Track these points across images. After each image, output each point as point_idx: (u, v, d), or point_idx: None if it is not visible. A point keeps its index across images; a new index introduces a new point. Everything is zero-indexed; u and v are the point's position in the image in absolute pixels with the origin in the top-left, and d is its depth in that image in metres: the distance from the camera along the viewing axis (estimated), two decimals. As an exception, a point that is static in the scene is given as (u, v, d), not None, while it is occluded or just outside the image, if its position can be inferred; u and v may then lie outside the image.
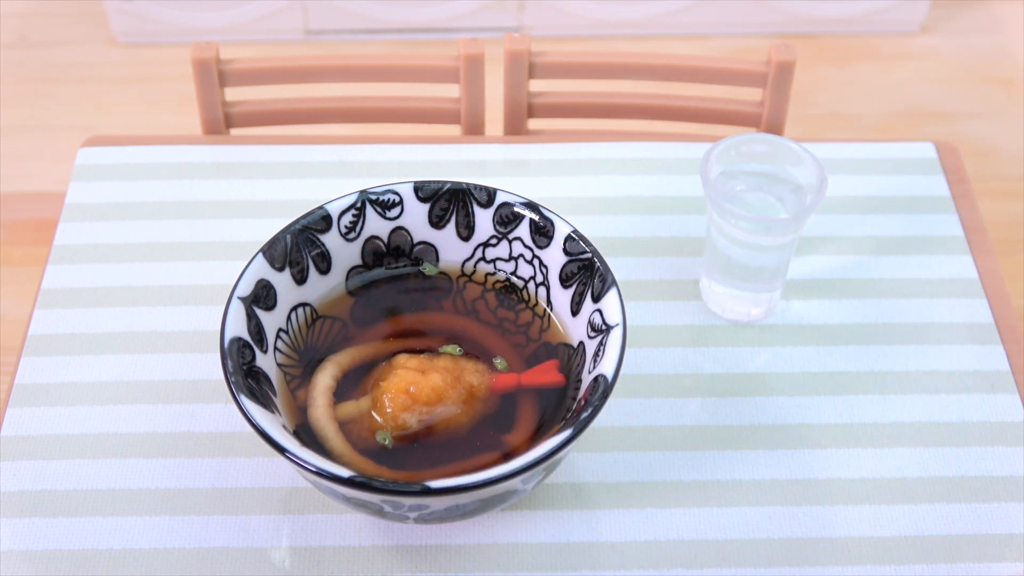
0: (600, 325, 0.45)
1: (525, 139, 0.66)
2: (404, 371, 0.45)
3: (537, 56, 0.66)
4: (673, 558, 0.47)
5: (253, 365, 0.44)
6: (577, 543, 0.47)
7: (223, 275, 0.57)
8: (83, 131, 1.02)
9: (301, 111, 0.68)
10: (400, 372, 0.45)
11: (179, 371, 0.53)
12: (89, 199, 0.62)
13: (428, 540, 0.47)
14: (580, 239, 0.47)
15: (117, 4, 1.55)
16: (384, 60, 0.68)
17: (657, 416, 0.51)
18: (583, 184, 0.63)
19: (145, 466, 0.50)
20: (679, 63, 0.67)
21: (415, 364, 0.46)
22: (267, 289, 0.46)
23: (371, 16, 1.57)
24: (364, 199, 0.49)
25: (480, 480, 0.39)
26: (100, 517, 0.48)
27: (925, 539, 0.48)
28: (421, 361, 0.46)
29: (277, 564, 0.47)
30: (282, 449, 0.39)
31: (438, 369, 0.46)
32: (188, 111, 0.85)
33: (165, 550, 0.47)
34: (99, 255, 0.59)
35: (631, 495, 0.49)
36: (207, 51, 0.65)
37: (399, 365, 0.46)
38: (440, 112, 0.69)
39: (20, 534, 0.47)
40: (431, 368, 0.46)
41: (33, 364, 0.53)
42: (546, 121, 0.70)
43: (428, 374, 0.45)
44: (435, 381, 0.45)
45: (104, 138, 0.66)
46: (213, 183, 0.63)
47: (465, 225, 0.50)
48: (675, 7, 1.56)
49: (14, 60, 1.57)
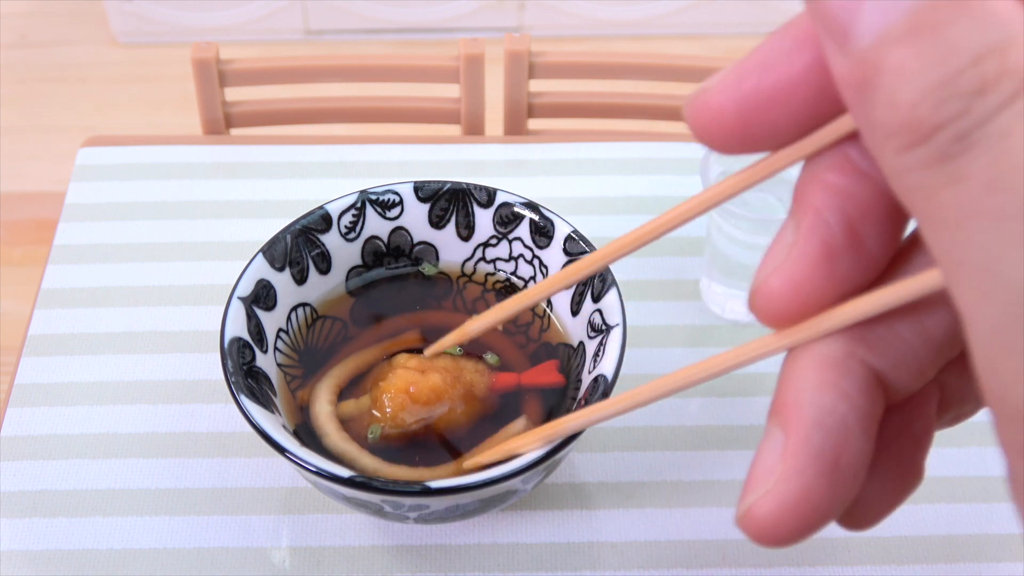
0: (600, 325, 0.45)
1: (525, 139, 0.66)
2: (404, 371, 0.45)
3: (537, 56, 0.66)
4: (673, 558, 0.47)
5: (253, 365, 0.44)
6: (577, 543, 0.47)
7: (223, 275, 0.57)
8: (83, 131, 1.02)
9: (301, 111, 0.69)
10: (400, 372, 0.45)
11: (179, 371, 0.53)
12: (89, 199, 0.62)
13: (428, 540, 0.47)
14: (580, 239, 0.47)
15: (117, 4, 1.55)
16: (384, 60, 0.68)
17: (657, 416, 0.52)
18: (583, 184, 0.63)
19: (145, 466, 0.50)
20: (679, 63, 0.67)
21: (415, 364, 0.46)
22: (267, 289, 0.46)
23: (371, 16, 1.57)
24: (364, 199, 0.49)
25: (480, 480, 0.39)
26: (100, 517, 0.48)
27: (925, 539, 0.48)
28: (421, 361, 0.46)
29: (277, 564, 0.47)
30: (282, 449, 0.39)
31: (438, 369, 0.46)
32: (188, 111, 0.85)
33: (165, 550, 0.47)
34: (99, 255, 0.59)
35: (631, 495, 0.49)
36: (207, 51, 0.65)
37: (399, 364, 0.46)
38: (440, 112, 0.69)
39: (20, 534, 0.47)
40: (431, 368, 0.46)
41: (33, 364, 0.53)
42: (546, 121, 0.70)
43: (428, 374, 0.45)
44: (434, 381, 0.45)
45: (104, 138, 0.66)
46: (213, 183, 0.63)
47: (465, 225, 0.50)
48: (675, 7, 1.56)
49: (14, 60, 1.57)
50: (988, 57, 0.17)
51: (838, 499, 0.21)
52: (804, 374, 0.22)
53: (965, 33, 0.18)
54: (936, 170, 0.18)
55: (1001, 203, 0.17)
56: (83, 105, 1.48)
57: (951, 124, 0.18)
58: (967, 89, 0.17)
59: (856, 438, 0.21)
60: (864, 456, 0.21)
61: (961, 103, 0.17)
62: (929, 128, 0.18)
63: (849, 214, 0.21)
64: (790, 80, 0.21)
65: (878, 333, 0.22)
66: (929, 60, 0.18)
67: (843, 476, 0.21)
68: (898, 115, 0.18)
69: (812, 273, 0.22)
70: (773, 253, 0.22)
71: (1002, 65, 0.17)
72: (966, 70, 0.17)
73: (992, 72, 0.17)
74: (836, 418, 0.21)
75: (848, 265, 0.22)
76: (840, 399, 0.21)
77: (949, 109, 0.18)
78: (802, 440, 0.21)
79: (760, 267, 0.23)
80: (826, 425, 0.21)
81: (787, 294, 0.22)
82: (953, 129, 0.18)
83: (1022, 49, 0.17)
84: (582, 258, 0.36)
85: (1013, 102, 0.17)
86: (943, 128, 0.18)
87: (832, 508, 0.21)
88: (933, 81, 0.18)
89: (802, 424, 0.21)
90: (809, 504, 0.21)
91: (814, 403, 0.21)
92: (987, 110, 0.17)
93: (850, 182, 0.22)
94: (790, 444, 0.21)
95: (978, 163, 0.17)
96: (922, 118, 0.18)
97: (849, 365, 0.21)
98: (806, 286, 0.22)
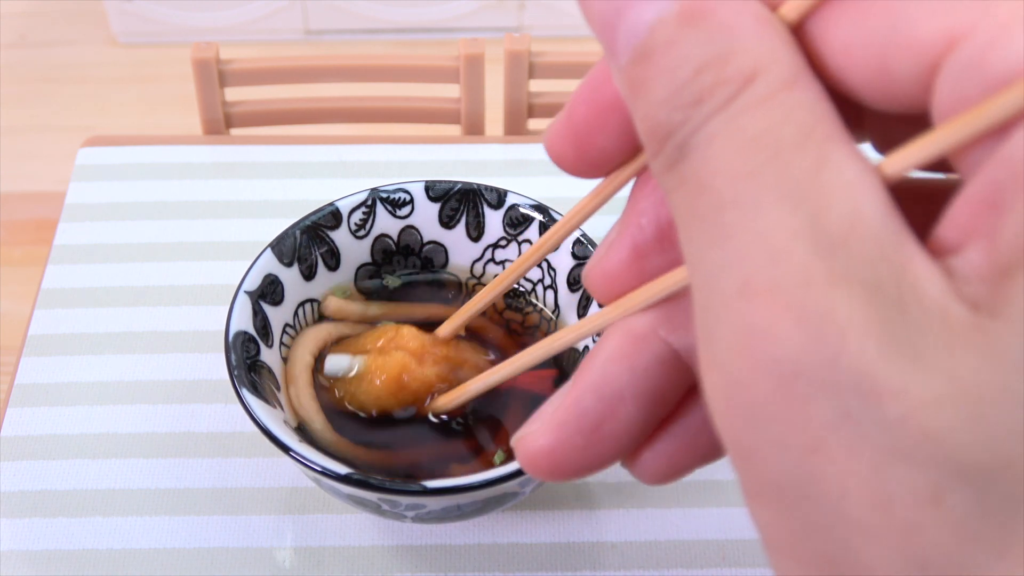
0: (603, 329, 0.45)
1: (525, 139, 0.66)
2: (403, 354, 0.44)
3: (537, 56, 0.66)
4: (673, 558, 0.47)
5: (257, 359, 0.44)
6: (577, 543, 0.47)
7: (223, 275, 0.57)
8: (83, 131, 1.02)
9: (301, 111, 0.68)
10: (397, 355, 0.44)
11: (179, 371, 0.53)
12: (89, 199, 0.62)
13: (428, 540, 0.47)
14: (588, 243, 0.47)
15: (117, 4, 1.55)
16: (384, 60, 0.68)
17: (657, 416, 0.51)
18: (583, 184, 0.62)
19: (145, 466, 0.50)
20: (679, 63, 0.67)
21: (416, 346, 0.45)
22: (274, 284, 0.46)
23: (371, 16, 1.57)
24: (375, 197, 0.49)
25: (478, 481, 0.39)
26: (100, 517, 0.48)
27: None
28: (423, 344, 0.45)
29: (278, 564, 0.47)
30: (278, 442, 0.39)
31: (437, 360, 0.45)
32: (188, 111, 0.85)
33: (165, 550, 0.47)
34: (99, 255, 0.59)
35: (631, 495, 0.49)
36: (207, 51, 0.65)
37: (402, 343, 0.45)
38: (440, 112, 0.69)
39: (20, 534, 0.47)
40: (430, 356, 0.45)
41: (33, 364, 0.53)
42: (546, 121, 0.70)
43: (424, 364, 0.44)
44: (428, 375, 0.44)
45: (104, 138, 0.66)
46: (213, 183, 0.63)
47: (475, 226, 0.50)
48: (675, 7, 1.55)
49: (14, 60, 1.57)
50: (708, 68, 0.19)
51: (592, 457, 0.24)
52: (608, 341, 0.24)
53: (691, 46, 0.19)
54: (668, 175, 0.19)
55: (703, 204, 0.19)
56: (83, 105, 1.48)
57: (675, 133, 0.19)
58: (688, 100, 0.19)
59: (626, 409, 0.24)
60: (632, 426, 0.24)
61: (682, 113, 0.19)
62: (662, 137, 0.19)
63: (660, 217, 0.24)
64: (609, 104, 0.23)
65: (680, 313, 0.24)
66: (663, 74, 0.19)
67: (601, 439, 0.24)
68: (643, 126, 0.20)
69: (623, 268, 0.25)
70: (599, 247, 0.26)
71: (718, 76, 0.18)
72: (689, 82, 0.19)
73: (709, 83, 0.18)
74: (613, 388, 0.24)
75: (656, 261, 0.24)
76: (624, 371, 0.24)
77: (673, 119, 0.19)
78: (574, 398, 0.24)
79: (591, 257, 0.26)
80: (601, 391, 0.24)
81: (603, 283, 0.26)
82: (676, 138, 0.19)
83: (742, 58, 0.18)
84: (552, 226, 0.37)
85: (723, 110, 0.18)
86: (670, 137, 0.19)
87: (586, 463, 0.24)
88: (664, 94, 0.19)
89: (581, 384, 0.24)
90: (562, 454, 0.24)
91: (600, 369, 0.24)
92: (700, 119, 0.19)
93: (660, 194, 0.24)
94: (566, 398, 0.24)
95: (690, 168, 0.19)
96: (655, 129, 0.19)
97: (648, 340, 0.24)
98: (619, 277, 0.25)
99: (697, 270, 0.19)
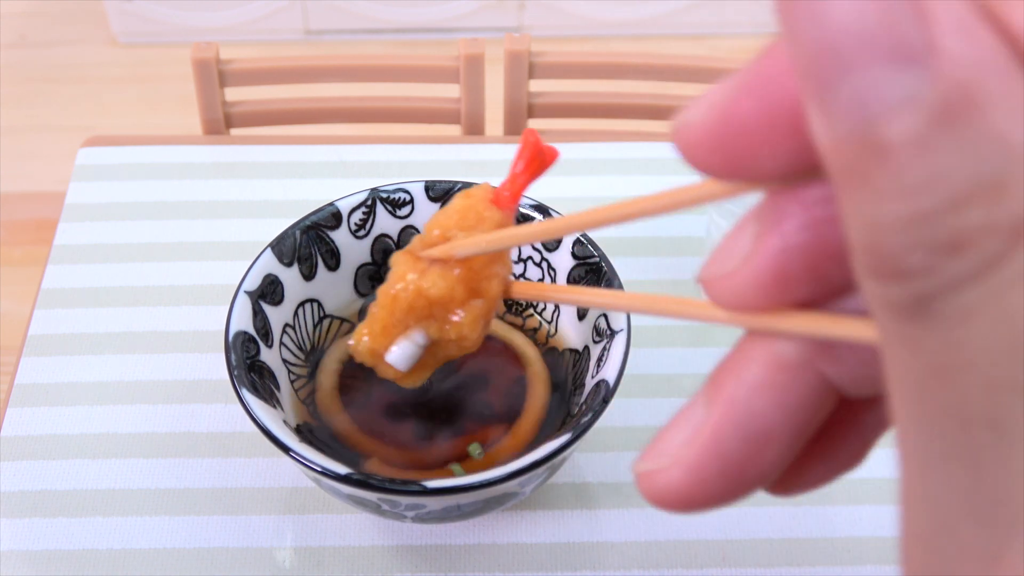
0: (604, 330, 0.45)
1: (525, 139, 0.66)
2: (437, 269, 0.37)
3: (537, 56, 0.66)
4: (673, 558, 0.47)
5: (257, 359, 0.44)
6: (578, 543, 0.47)
7: (223, 275, 0.57)
8: (83, 131, 1.02)
9: (301, 111, 0.69)
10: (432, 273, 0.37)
11: (179, 371, 0.53)
12: (89, 199, 0.62)
13: (429, 540, 0.47)
14: (588, 243, 0.47)
15: (117, 4, 1.55)
16: (384, 60, 0.68)
17: (657, 416, 0.51)
18: (583, 184, 0.63)
19: (145, 466, 0.50)
20: (679, 63, 0.67)
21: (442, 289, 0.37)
22: (274, 284, 0.46)
23: (371, 16, 1.57)
24: (375, 197, 0.49)
25: (478, 481, 0.39)
26: (100, 517, 0.48)
27: (925, 539, 0.48)
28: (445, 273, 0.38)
29: (278, 564, 0.47)
30: (278, 442, 0.39)
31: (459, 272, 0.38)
32: (188, 111, 0.85)
33: (165, 550, 0.47)
34: (99, 255, 0.59)
35: (632, 495, 0.49)
36: (207, 51, 0.65)
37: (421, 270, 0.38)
38: (440, 112, 0.69)
39: (20, 534, 0.47)
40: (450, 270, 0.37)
41: (33, 364, 0.53)
42: (546, 121, 0.70)
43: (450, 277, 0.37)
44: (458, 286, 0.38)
45: (104, 138, 0.66)
46: (213, 183, 0.63)
47: None
48: (675, 7, 1.55)
49: (14, 60, 1.57)
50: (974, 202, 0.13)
51: (730, 496, 0.21)
52: (752, 367, 0.20)
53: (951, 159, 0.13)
54: (888, 314, 0.15)
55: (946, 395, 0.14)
56: (83, 105, 1.48)
57: (912, 279, 0.14)
58: (941, 242, 0.13)
59: (773, 451, 0.20)
60: (778, 466, 0.20)
61: (927, 258, 0.14)
62: (890, 271, 0.14)
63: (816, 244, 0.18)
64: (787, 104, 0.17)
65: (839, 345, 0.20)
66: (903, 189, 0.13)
67: (744, 483, 0.20)
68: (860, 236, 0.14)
69: (757, 291, 0.19)
70: (720, 251, 0.20)
71: (989, 215, 0.13)
72: (943, 215, 0.13)
73: (975, 223, 0.13)
74: (760, 427, 0.20)
75: (801, 292, 0.19)
76: (774, 408, 0.20)
77: (914, 260, 0.14)
78: (715, 436, 0.20)
79: (711, 259, 0.20)
80: (747, 431, 0.20)
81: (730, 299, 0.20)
82: (914, 285, 0.14)
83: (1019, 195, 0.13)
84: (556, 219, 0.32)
85: (988, 274, 0.13)
86: (904, 278, 0.14)
87: (722, 501, 0.21)
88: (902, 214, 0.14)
89: (725, 422, 0.20)
90: (698, 493, 0.20)
91: (745, 403, 0.20)
92: (955, 276, 0.13)
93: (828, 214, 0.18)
94: (705, 434, 0.20)
95: (928, 342, 0.14)
96: (882, 255, 0.14)
97: (801, 372, 0.20)
98: (749, 296, 0.20)
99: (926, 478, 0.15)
